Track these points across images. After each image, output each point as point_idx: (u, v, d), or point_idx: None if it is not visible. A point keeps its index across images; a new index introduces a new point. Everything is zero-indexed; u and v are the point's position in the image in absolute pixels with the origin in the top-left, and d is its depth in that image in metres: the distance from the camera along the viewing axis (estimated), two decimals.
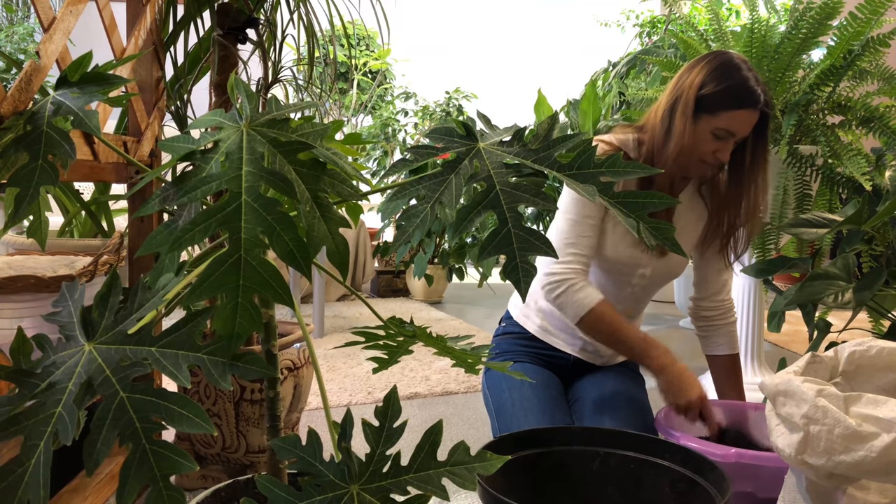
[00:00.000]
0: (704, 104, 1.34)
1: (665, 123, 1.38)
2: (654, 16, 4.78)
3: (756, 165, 1.41)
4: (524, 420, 1.35)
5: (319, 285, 2.91)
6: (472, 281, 4.58)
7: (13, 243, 1.93)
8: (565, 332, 1.53)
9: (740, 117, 1.33)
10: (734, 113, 1.32)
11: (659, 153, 1.39)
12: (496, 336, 1.63)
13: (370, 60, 5.61)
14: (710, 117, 1.33)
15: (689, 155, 1.37)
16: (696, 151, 1.36)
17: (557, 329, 1.53)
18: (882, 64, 1.84)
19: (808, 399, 0.81)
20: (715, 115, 1.33)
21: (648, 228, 0.63)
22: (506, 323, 1.62)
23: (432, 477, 0.64)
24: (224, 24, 1.32)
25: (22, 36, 3.93)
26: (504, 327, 1.62)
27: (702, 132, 1.35)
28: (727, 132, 1.33)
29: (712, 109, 1.33)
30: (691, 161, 1.38)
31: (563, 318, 1.49)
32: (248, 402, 1.36)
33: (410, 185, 0.64)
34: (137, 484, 0.54)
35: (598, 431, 1.05)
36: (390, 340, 0.79)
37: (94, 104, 0.91)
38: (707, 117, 1.34)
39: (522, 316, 1.58)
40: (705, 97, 1.34)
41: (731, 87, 1.33)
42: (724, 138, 1.34)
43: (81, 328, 0.62)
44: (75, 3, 0.91)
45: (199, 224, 0.54)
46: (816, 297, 1.36)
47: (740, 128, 1.34)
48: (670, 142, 1.37)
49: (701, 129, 1.35)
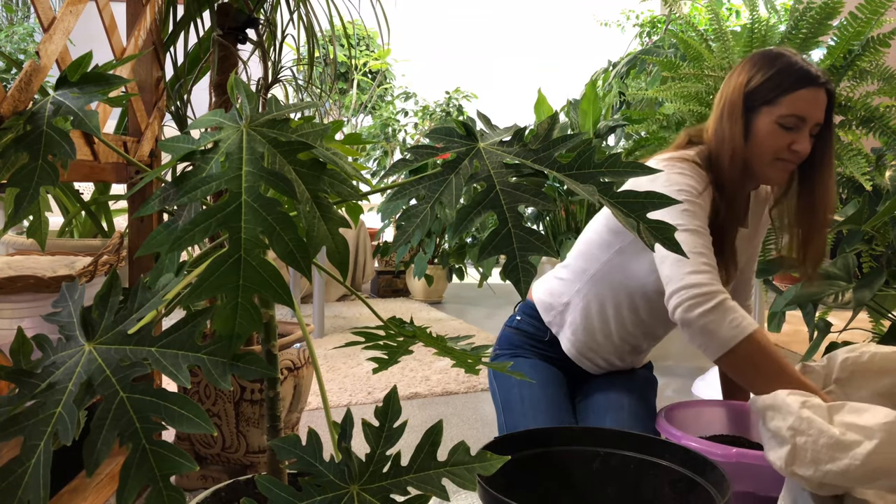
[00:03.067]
0: (758, 97, 1.25)
1: (718, 135, 1.29)
2: (654, 16, 4.78)
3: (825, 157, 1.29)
4: (532, 419, 1.32)
5: (319, 285, 2.91)
6: (473, 281, 4.58)
7: (13, 243, 1.93)
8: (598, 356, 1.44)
9: (804, 98, 1.22)
10: (795, 95, 1.22)
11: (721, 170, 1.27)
12: (508, 326, 1.54)
13: (370, 60, 5.61)
14: (769, 108, 1.23)
15: (761, 157, 1.26)
16: (767, 151, 1.25)
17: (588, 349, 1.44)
18: (882, 64, 1.84)
19: (793, 411, 0.82)
20: (774, 104, 1.23)
21: (648, 228, 0.63)
22: (522, 318, 1.52)
23: (432, 477, 0.64)
24: (224, 24, 1.32)
25: (22, 36, 3.93)
26: (520, 322, 1.52)
27: (765, 126, 1.24)
28: (796, 118, 1.22)
29: (769, 99, 1.23)
30: (766, 165, 1.26)
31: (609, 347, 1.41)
32: (248, 402, 1.36)
33: (410, 185, 0.64)
34: (137, 484, 0.53)
35: (599, 431, 1.05)
36: (390, 341, 0.79)
37: (93, 104, 0.91)
38: (766, 109, 1.24)
39: (555, 324, 1.47)
40: (755, 90, 1.25)
41: (781, 69, 1.24)
42: (796, 126, 1.23)
43: (81, 328, 0.62)
44: (75, 3, 0.91)
45: (199, 224, 0.54)
46: (816, 298, 1.36)
47: (809, 109, 1.22)
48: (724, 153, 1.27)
49: (763, 124, 1.24)
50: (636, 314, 1.40)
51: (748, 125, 1.27)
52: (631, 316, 1.40)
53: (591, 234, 1.45)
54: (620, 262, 1.37)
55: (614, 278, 1.38)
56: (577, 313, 1.43)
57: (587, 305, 1.42)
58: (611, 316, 1.41)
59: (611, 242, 1.38)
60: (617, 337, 1.43)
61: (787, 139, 1.24)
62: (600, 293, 1.41)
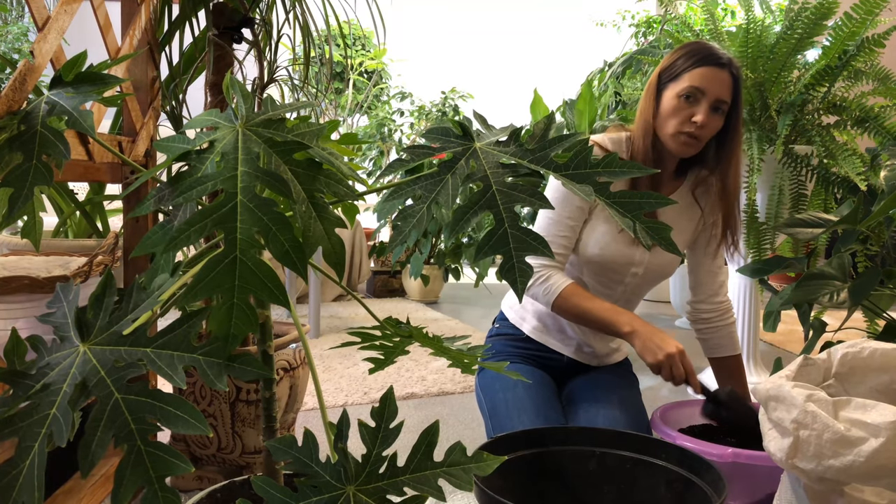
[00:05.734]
0: (667, 75, 1.37)
1: (638, 114, 1.41)
2: (649, 16, 4.79)
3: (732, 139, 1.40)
4: (518, 421, 1.34)
5: (315, 286, 2.91)
6: (469, 281, 4.58)
7: (7, 244, 1.92)
8: (561, 333, 1.53)
9: (705, 74, 1.32)
10: (696, 70, 1.32)
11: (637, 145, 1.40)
12: (489, 337, 1.63)
13: (366, 60, 5.61)
14: (674, 84, 1.35)
15: (666, 128, 1.36)
16: (671, 122, 1.35)
17: (554, 329, 1.53)
18: (877, 64, 1.85)
19: (798, 404, 0.82)
20: (678, 80, 1.34)
21: (645, 228, 0.63)
22: (499, 324, 1.62)
23: (429, 477, 0.64)
24: (219, 23, 1.31)
25: (16, 35, 3.91)
26: (497, 328, 1.61)
27: (669, 100, 1.35)
28: (696, 89, 1.33)
29: (674, 76, 1.35)
30: (670, 136, 1.36)
31: (557, 318, 1.49)
32: (244, 402, 1.35)
33: (407, 185, 0.64)
34: (133, 486, 0.53)
35: (595, 431, 1.05)
36: (386, 341, 0.79)
37: (88, 104, 0.91)
38: (671, 85, 1.35)
39: (517, 318, 1.57)
40: (666, 69, 1.37)
41: (690, 51, 1.35)
42: (695, 98, 1.33)
43: (76, 329, 0.61)
44: (70, 2, 0.91)
45: (195, 224, 0.54)
46: (812, 297, 1.36)
47: (709, 85, 1.32)
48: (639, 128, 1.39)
49: (667, 98, 1.36)
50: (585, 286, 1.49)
51: (658, 101, 1.38)
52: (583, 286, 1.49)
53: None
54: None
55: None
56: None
57: None
58: None
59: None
60: None
61: (688, 112, 1.34)
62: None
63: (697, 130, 1.34)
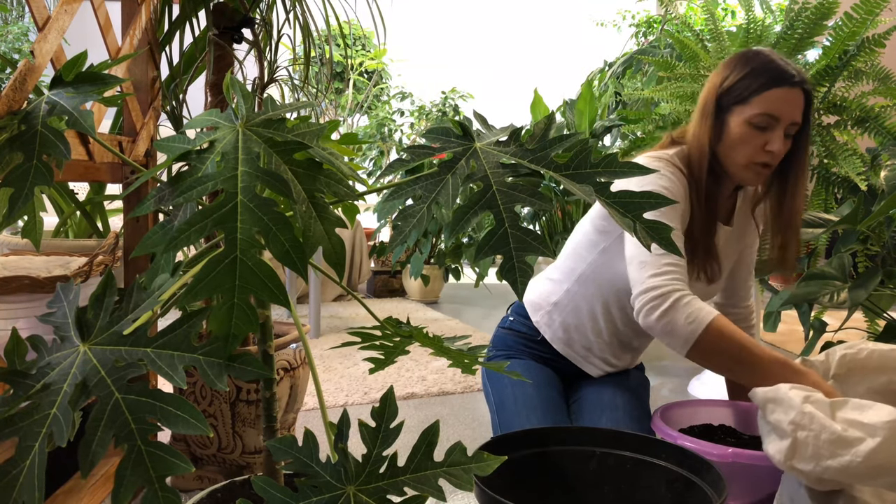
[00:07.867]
0: (731, 97, 1.24)
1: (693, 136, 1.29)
2: (650, 16, 4.79)
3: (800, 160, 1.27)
4: (526, 419, 1.32)
5: (315, 286, 2.91)
6: (469, 281, 4.58)
7: (8, 244, 1.92)
8: (587, 350, 1.45)
9: (777, 97, 1.20)
10: (767, 94, 1.20)
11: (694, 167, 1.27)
12: (501, 328, 1.55)
13: (366, 60, 5.61)
14: (741, 108, 1.22)
15: (734, 158, 1.25)
16: (740, 152, 1.24)
17: (579, 345, 1.45)
18: (877, 64, 1.84)
19: (795, 406, 0.82)
20: (746, 104, 1.21)
21: (645, 228, 0.63)
22: (514, 318, 1.53)
23: (429, 477, 0.64)
24: (220, 23, 1.31)
25: (16, 35, 3.91)
26: (512, 322, 1.53)
27: (737, 127, 1.23)
28: (769, 117, 1.20)
29: (741, 98, 1.22)
30: (740, 166, 1.25)
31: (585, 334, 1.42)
32: (245, 402, 1.35)
33: (407, 185, 0.64)
34: (133, 485, 0.53)
35: (595, 431, 1.05)
36: (387, 341, 0.79)
37: (89, 104, 0.91)
38: (738, 109, 1.22)
39: (543, 322, 1.47)
40: (729, 90, 1.24)
41: (755, 68, 1.22)
42: (769, 126, 1.21)
43: (76, 329, 0.61)
44: (70, 2, 0.91)
45: (195, 224, 0.54)
46: (812, 297, 1.36)
47: (783, 109, 1.20)
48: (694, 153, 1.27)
49: (735, 124, 1.23)
50: (625, 312, 1.41)
51: (721, 125, 1.26)
52: (620, 314, 1.41)
53: (578, 235, 1.46)
54: (606, 261, 1.38)
55: (602, 277, 1.39)
56: (568, 312, 1.45)
57: (577, 305, 1.44)
58: (600, 314, 1.42)
59: (597, 242, 1.40)
60: (607, 334, 1.44)
61: (760, 140, 1.22)
62: (589, 292, 1.42)
63: (772, 158, 1.23)
